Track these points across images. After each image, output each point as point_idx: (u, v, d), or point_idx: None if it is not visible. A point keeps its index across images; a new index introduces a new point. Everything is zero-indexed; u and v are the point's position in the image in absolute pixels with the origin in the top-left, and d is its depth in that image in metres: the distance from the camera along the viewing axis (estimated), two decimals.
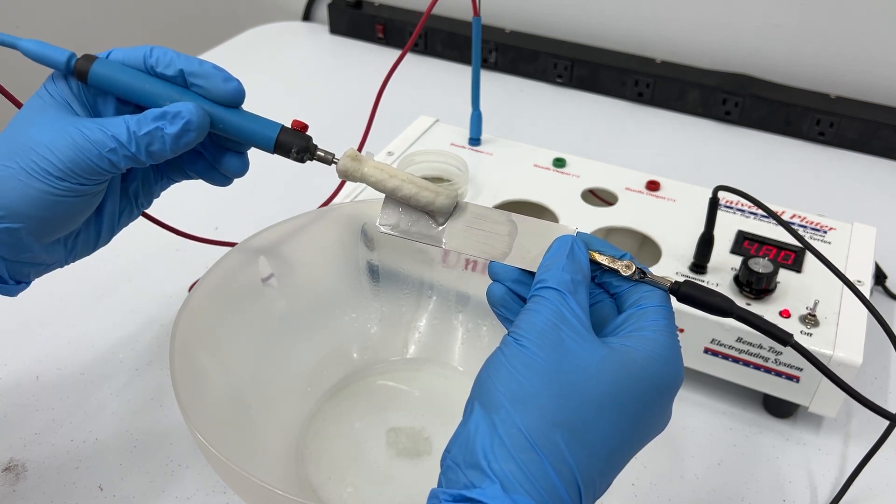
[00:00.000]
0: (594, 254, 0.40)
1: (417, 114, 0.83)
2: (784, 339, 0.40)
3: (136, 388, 0.62)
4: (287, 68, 1.16)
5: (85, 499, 0.54)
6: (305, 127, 0.47)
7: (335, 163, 0.46)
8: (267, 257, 0.58)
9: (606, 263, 0.40)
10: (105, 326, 0.68)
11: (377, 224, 0.45)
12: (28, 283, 0.47)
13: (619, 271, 0.40)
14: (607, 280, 0.41)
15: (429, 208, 0.44)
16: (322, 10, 1.26)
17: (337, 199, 0.70)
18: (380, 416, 0.59)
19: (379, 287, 0.63)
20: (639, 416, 0.36)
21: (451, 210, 0.44)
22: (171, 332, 0.49)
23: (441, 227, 0.44)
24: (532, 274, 0.40)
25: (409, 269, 0.63)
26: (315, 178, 0.70)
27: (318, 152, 0.47)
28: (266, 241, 0.58)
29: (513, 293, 0.41)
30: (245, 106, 0.47)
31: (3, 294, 0.46)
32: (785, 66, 1.00)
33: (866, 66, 0.96)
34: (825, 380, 0.57)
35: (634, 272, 0.40)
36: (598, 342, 0.36)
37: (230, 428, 0.51)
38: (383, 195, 0.45)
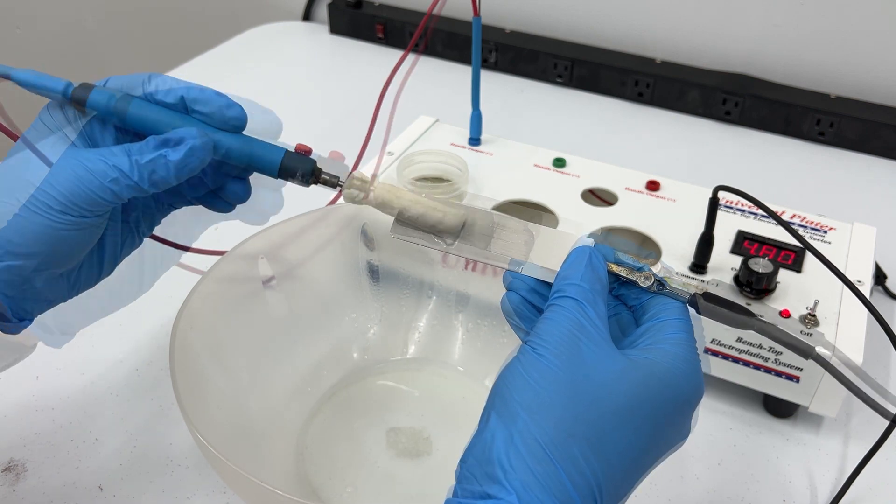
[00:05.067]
0: (612, 265, 0.40)
1: (417, 114, 0.83)
2: (806, 352, 0.39)
3: (136, 388, 0.62)
4: (287, 68, 1.16)
5: (85, 499, 0.54)
6: (309, 150, 0.46)
7: (340, 186, 0.45)
8: (267, 257, 0.58)
9: (624, 274, 0.40)
10: (105, 326, 0.68)
11: (390, 232, 0.45)
12: (31, 320, 0.46)
13: (637, 282, 0.40)
14: (625, 292, 0.41)
15: (437, 228, 0.44)
16: (322, 10, 1.26)
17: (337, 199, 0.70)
18: (380, 416, 0.59)
19: (379, 287, 0.63)
20: (657, 429, 0.35)
21: (460, 229, 0.44)
22: (171, 331, 0.49)
23: (450, 245, 0.44)
24: (548, 284, 0.40)
25: (409, 269, 0.63)
26: None
27: (324, 176, 0.46)
28: (266, 241, 0.58)
29: (528, 303, 0.41)
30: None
31: (5, 332, 0.45)
32: (785, 66, 1.00)
33: (866, 66, 0.96)
34: (825, 380, 0.57)
35: (653, 283, 0.39)
36: (616, 353, 0.36)
37: (230, 428, 0.51)
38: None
